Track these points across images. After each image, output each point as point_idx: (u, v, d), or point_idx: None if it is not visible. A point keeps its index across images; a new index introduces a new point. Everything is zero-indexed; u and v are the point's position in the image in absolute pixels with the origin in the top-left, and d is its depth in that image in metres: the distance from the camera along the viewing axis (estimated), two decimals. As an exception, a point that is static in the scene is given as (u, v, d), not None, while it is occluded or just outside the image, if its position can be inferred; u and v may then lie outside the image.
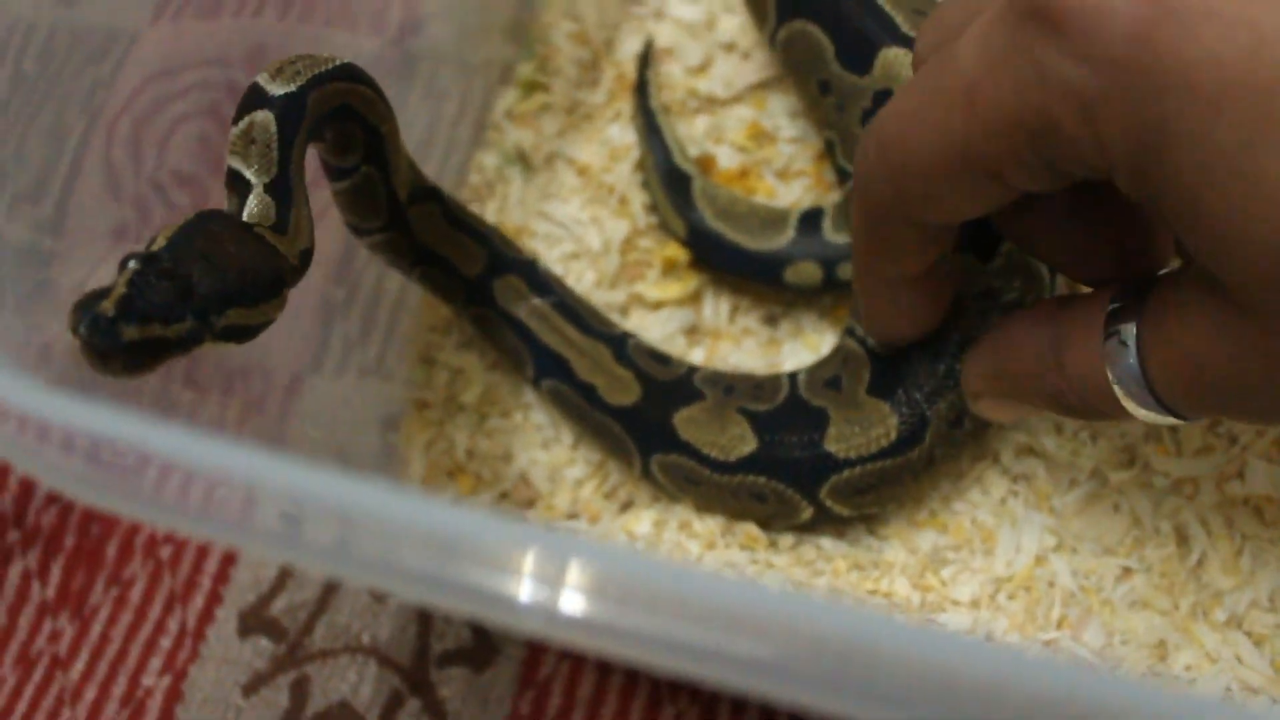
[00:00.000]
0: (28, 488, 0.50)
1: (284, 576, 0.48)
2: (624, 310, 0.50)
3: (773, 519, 0.46)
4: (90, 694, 0.48)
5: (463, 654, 0.47)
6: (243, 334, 0.35)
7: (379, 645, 0.47)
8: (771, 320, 0.50)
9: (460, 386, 0.49)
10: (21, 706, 0.48)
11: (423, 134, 0.53)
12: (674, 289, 0.49)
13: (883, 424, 0.43)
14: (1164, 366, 0.33)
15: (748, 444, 0.44)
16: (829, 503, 0.44)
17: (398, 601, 0.48)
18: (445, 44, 0.55)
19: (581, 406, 0.46)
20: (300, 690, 0.47)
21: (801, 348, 0.49)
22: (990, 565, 0.44)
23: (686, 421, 0.45)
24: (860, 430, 0.43)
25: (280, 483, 0.26)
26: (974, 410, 0.41)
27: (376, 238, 0.44)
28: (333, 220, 0.45)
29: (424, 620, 0.47)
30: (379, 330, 0.51)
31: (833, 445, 0.43)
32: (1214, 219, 0.29)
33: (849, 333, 0.46)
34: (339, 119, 0.40)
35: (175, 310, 0.33)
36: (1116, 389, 0.34)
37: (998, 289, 0.43)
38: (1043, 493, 0.45)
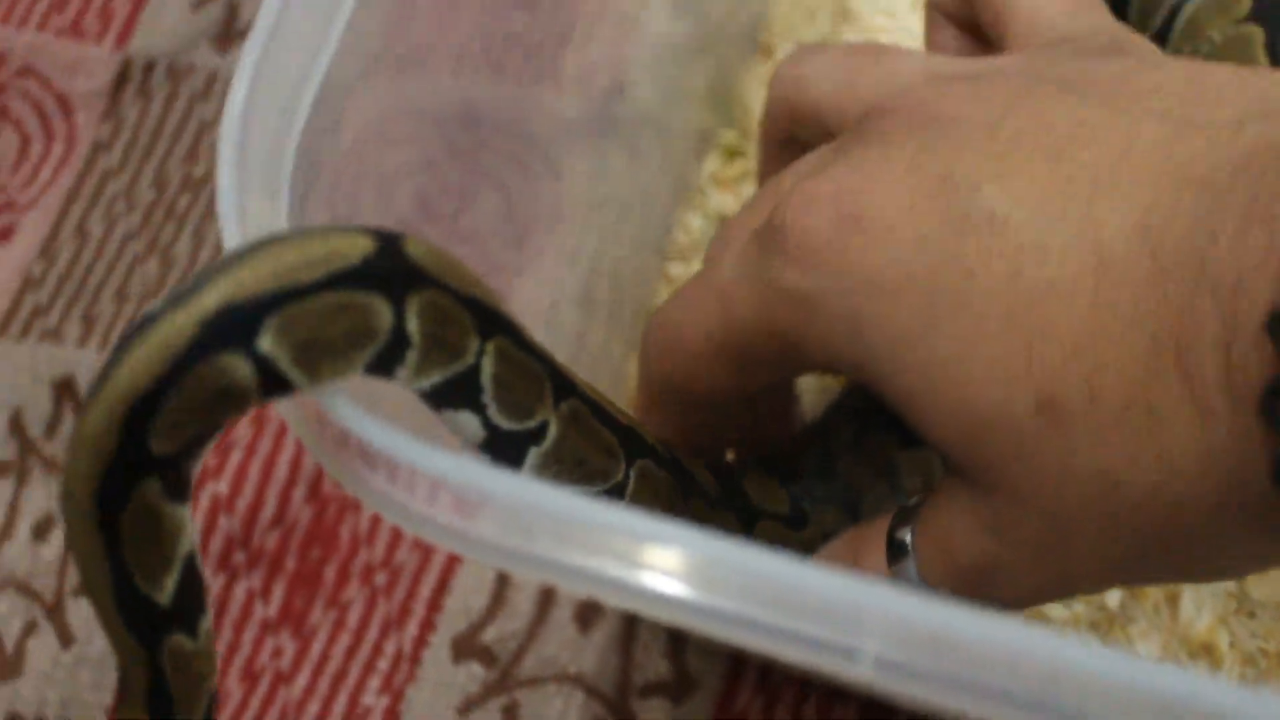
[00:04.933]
0: (254, 512, 0.54)
1: (495, 607, 0.52)
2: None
3: None
4: (313, 708, 0.51)
5: (662, 686, 0.50)
6: None
7: (584, 675, 0.50)
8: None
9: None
10: (248, 718, 0.51)
11: (625, 194, 0.56)
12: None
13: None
14: (927, 562, 0.37)
15: None
16: None
17: (603, 635, 0.51)
18: (647, 108, 0.58)
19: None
20: (511, 715, 0.50)
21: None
22: (1175, 625, 0.46)
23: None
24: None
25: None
26: None
27: None
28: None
29: (626, 653, 0.51)
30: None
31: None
32: (911, 395, 0.35)
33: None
34: None
35: None
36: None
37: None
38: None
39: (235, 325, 0.29)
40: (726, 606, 0.28)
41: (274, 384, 0.30)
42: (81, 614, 0.53)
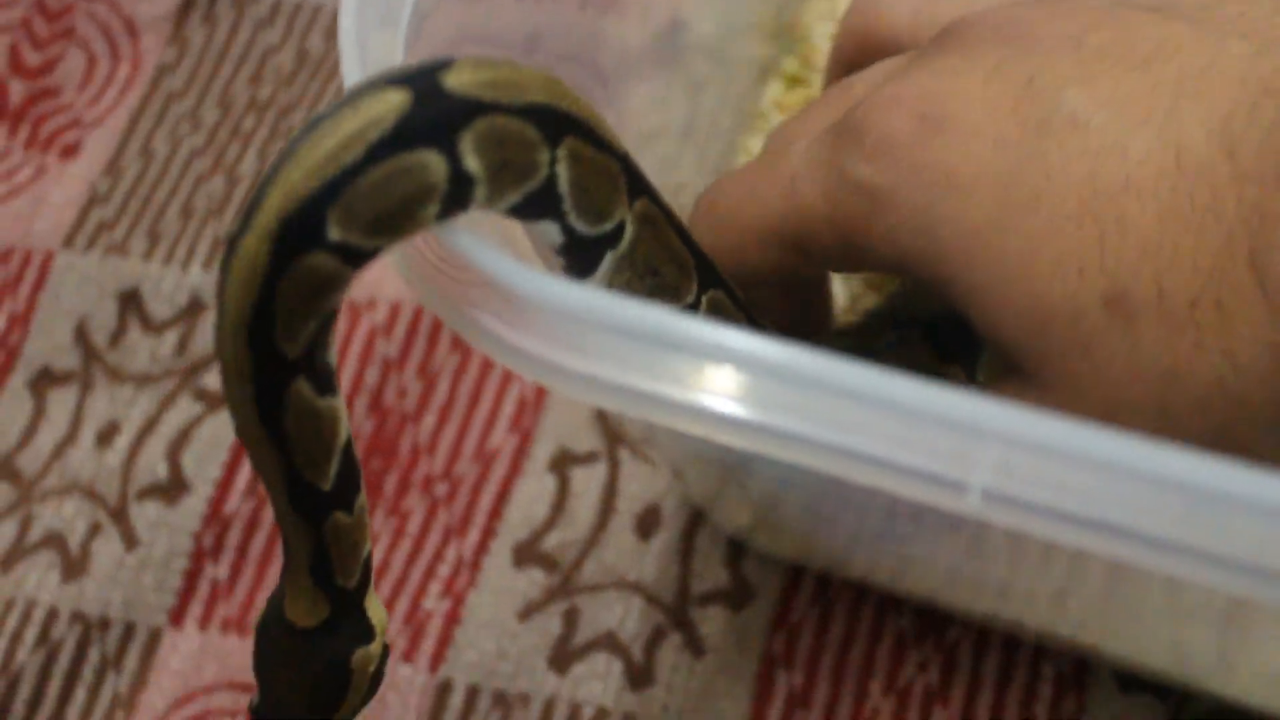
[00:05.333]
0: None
1: (555, 516, 0.52)
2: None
3: None
4: (374, 612, 0.52)
5: (721, 595, 0.51)
6: None
7: (643, 583, 0.51)
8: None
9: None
10: (309, 621, 0.52)
11: (685, 121, 0.57)
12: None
13: None
14: None
15: None
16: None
17: (662, 543, 0.51)
18: (708, 39, 0.59)
19: None
20: (571, 619, 0.51)
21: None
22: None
23: None
24: None
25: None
26: None
27: None
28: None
29: (684, 562, 0.51)
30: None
31: None
32: (979, 290, 0.36)
33: None
34: None
35: None
36: None
37: None
38: None
39: (302, 231, 0.30)
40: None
41: (358, 258, 0.31)
42: (146, 517, 0.54)
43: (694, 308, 0.37)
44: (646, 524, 0.52)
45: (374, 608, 0.35)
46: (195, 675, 0.51)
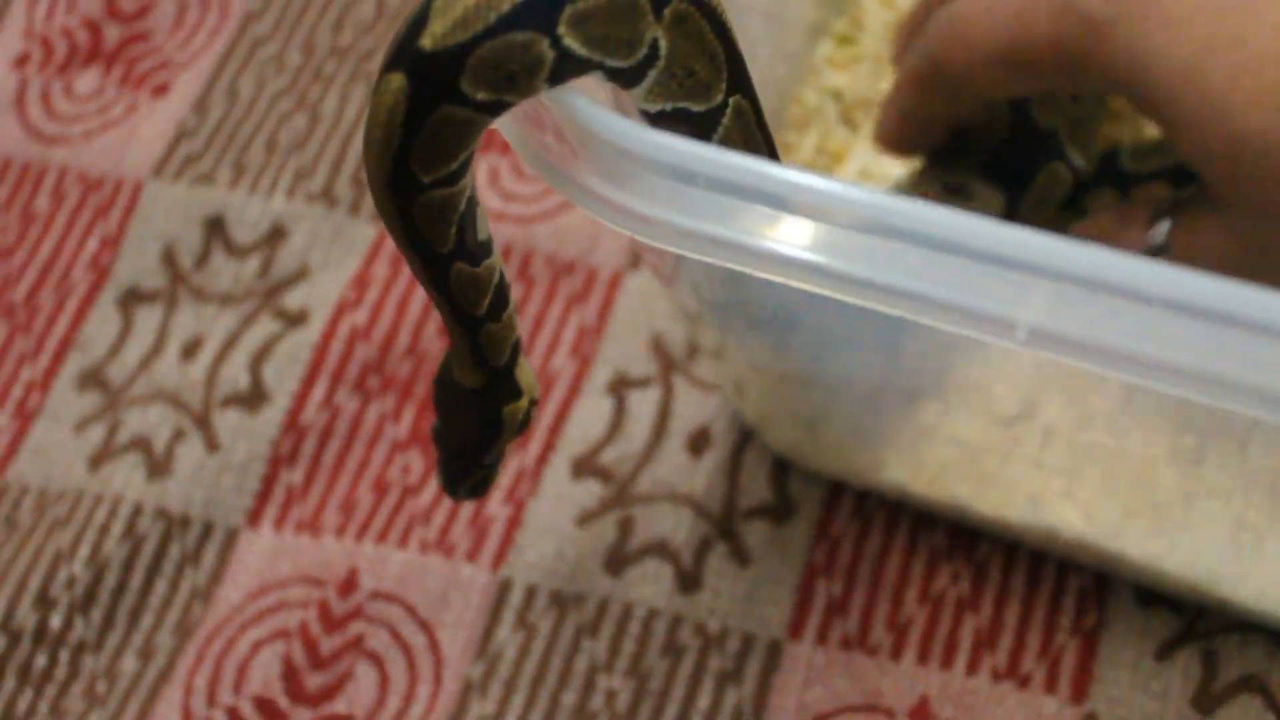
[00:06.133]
0: (389, 342, 0.58)
1: (612, 433, 0.56)
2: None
3: None
4: (439, 517, 0.55)
5: (766, 508, 0.54)
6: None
7: (694, 496, 0.54)
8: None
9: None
10: (378, 524, 0.55)
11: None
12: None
13: None
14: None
15: None
16: None
17: (712, 460, 0.55)
18: (762, 2, 0.62)
19: None
20: (626, 528, 0.54)
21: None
22: None
23: None
24: None
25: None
26: None
27: None
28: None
29: (732, 478, 0.55)
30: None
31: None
32: (1183, 122, 0.40)
33: None
34: None
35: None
36: None
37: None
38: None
39: (436, 78, 0.33)
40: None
41: (483, 108, 0.34)
42: (227, 424, 0.57)
43: (720, 110, 0.38)
44: (697, 443, 0.55)
45: (523, 375, 0.43)
46: (270, 570, 0.55)
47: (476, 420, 0.43)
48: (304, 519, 0.56)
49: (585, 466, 0.55)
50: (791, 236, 0.31)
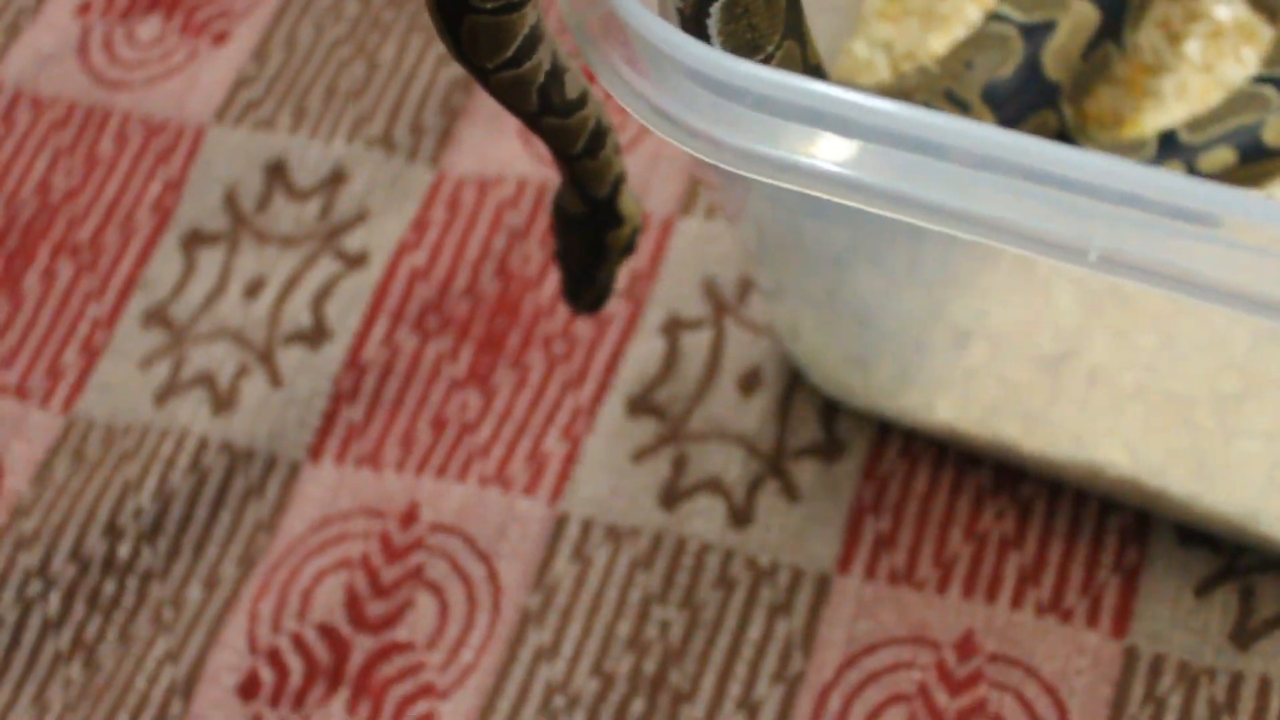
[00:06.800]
0: (447, 283, 0.60)
1: (665, 372, 0.57)
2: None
3: None
4: (498, 452, 0.57)
5: (815, 448, 0.55)
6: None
7: (745, 435, 0.56)
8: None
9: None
10: (437, 459, 0.57)
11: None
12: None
13: None
14: None
15: None
16: None
17: (763, 401, 0.56)
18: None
19: None
20: (679, 465, 0.56)
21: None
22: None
23: None
24: None
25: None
26: None
27: None
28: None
29: (783, 418, 0.56)
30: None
31: None
32: None
33: None
34: None
35: None
36: None
37: None
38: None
39: None
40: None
41: None
42: (290, 361, 0.59)
43: (770, 57, 0.40)
44: (749, 383, 0.57)
45: (625, 204, 0.46)
46: (332, 503, 0.56)
47: (582, 243, 0.47)
48: (365, 453, 0.57)
49: (640, 405, 0.57)
50: (868, 162, 0.33)
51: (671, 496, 0.55)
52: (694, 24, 0.39)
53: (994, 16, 0.54)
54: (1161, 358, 0.50)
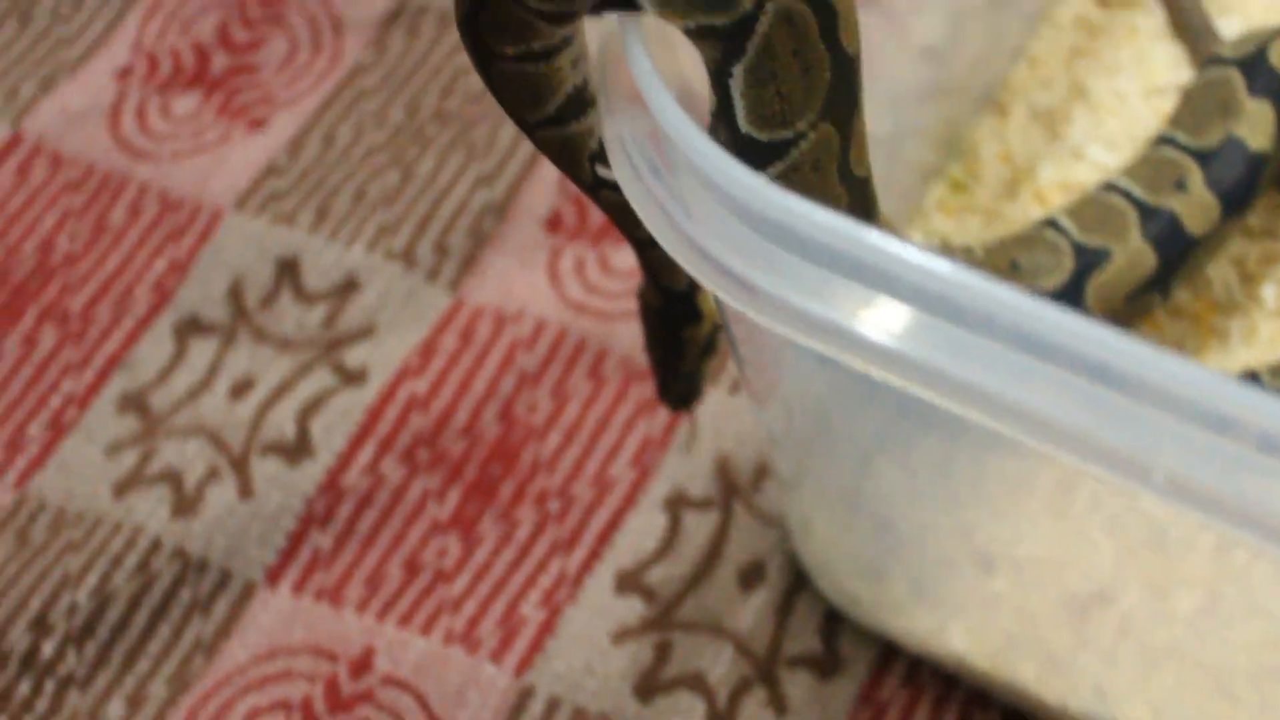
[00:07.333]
0: (446, 418, 0.56)
1: (663, 550, 0.53)
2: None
3: None
4: (469, 608, 0.52)
5: (812, 659, 0.51)
6: None
7: (738, 633, 0.51)
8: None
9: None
10: (403, 605, 0.52)
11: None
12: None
13: None
14: None
15: None
16: None
17: (762, 598, 0.52)
18: (882, 141, 0.61)
19: None
20: (662, 653, 0.51)
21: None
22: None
23: None
24: None
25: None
26: None
27: None
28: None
29: (781, 621, 0.52)
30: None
31: None
32: None
33: None
34: None
35: None
36: None
37: None
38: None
39: None
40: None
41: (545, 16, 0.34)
42: (265, 472, 0.55)
43: (802, 136, 0.36)
44: (749, 577, 0.52)
45: (705, 300, 0.45)
46: (282, 634, 0.52)
47: (662, 338, 0.46)
48: (326, 586, 0.53)
49: (630, 582, 0.52)
50: (921, 336, 0.29)
51: (649, 687, 0.50)
52: (717, 83, 0.35)
53: (1050, 223, 0.52)
54: (1202, 621, 0.46)
